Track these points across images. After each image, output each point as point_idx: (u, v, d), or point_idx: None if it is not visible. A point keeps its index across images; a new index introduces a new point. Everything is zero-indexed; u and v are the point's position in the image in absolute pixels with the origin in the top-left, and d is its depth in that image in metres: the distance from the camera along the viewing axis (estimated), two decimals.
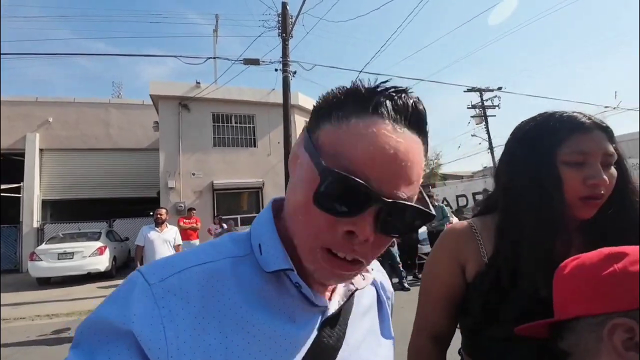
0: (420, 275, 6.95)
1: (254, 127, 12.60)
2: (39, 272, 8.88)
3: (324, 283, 0.47)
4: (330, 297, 0.51)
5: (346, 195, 0.38)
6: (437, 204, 7.85)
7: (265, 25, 9.11)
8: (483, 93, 18.27)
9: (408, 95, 0.43)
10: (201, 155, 11.69)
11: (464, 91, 18.30)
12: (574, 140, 0.73)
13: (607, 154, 0.73)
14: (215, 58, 10.56)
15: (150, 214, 11.51)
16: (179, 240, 5.34)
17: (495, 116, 19.23)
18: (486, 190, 10.57)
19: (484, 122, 18.54)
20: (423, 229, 7.59)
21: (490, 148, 18.17)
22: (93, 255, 9.19)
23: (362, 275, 0.54)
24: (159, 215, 5.15)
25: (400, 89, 0.44)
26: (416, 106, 0.43)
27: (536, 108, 0.86)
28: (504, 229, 0.79)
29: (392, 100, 0.42)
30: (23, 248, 12.18)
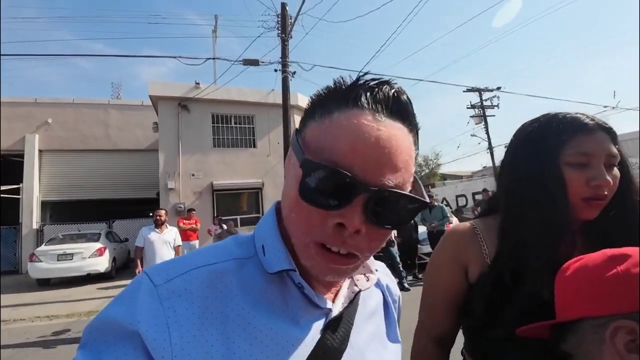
0: (420, 275, 6.99)
1: (253, 128, 12.58)
2: (39, 274, 8.87)
3: (322, 280, 0.47)
4: (334, 299, 0.51)
5: (331, 186, 0.39)
6: (437, 204, 7.82)
7: (264, 26, 9.08)
8: (482, 93, 18.25)
9: (390, 86, 0.44)
10: (201, 156, 11.67)
11: (463, 91, 18.33)
12: (577, 142, 0.73)
13: (611, 155, 0.73)
14: (214, 59, 10.59)
15: (149, 214, 11.52)
16: (179, 241, 5.34)
17: (495, 116, 19.25)
18: (486, 190, 10.58)
19: (483, 122, 18.52)
20: (423, 229, 7.59)
21: (490, 148, 18.16)
22: (93, 256, 9.17)
23: (366, 276, 0.54)
24: (159, 217, 5.14)
25: (381, 80, 0.44)
26: (397, 95, 0.43)
27: (535, 108, 0.86)
28: (506, 230, 0.79)
29: (372, 92, 0.43)
30: (23, 249, 12.15)
